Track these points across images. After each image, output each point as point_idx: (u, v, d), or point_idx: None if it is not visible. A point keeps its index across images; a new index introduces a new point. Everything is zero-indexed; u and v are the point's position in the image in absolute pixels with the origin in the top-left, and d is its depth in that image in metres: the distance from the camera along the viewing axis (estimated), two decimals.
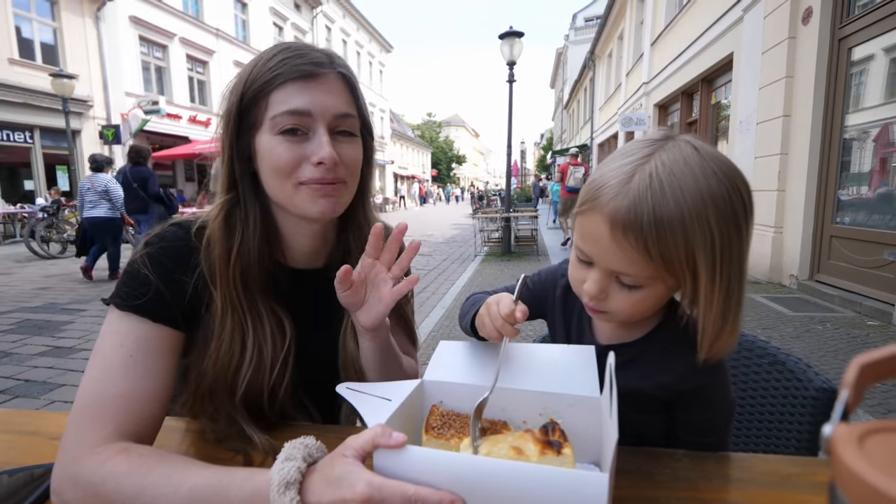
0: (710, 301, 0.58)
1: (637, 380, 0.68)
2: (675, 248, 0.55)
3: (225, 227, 0.71)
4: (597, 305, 0.64)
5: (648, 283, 0.60)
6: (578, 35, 30.53)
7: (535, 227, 9.19)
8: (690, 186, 0.55)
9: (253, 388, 0.70)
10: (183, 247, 0.71)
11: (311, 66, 0.69)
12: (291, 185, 0.70)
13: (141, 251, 0.69)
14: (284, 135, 0.68)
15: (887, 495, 0.21)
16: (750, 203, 0.59)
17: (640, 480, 0.58)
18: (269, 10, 20.14)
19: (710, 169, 0.56)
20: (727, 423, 0.72)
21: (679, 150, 0.57)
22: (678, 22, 9.34)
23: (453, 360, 0.67)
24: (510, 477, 0.42)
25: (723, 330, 0.59)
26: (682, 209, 0.54)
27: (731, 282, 0.58)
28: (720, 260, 0.56)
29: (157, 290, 0.66)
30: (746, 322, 4.02)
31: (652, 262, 0.56)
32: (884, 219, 4.41)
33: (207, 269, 0.70)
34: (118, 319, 0.65)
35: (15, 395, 2.87)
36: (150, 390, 0.64)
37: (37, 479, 0.60)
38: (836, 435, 0.26)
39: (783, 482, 0.57)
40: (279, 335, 0.73)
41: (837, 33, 4.87)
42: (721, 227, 0.55)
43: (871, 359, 0.29)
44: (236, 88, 0.70)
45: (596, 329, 0.78)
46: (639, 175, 0.56)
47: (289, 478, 0.46)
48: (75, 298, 5.39)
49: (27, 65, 11.40)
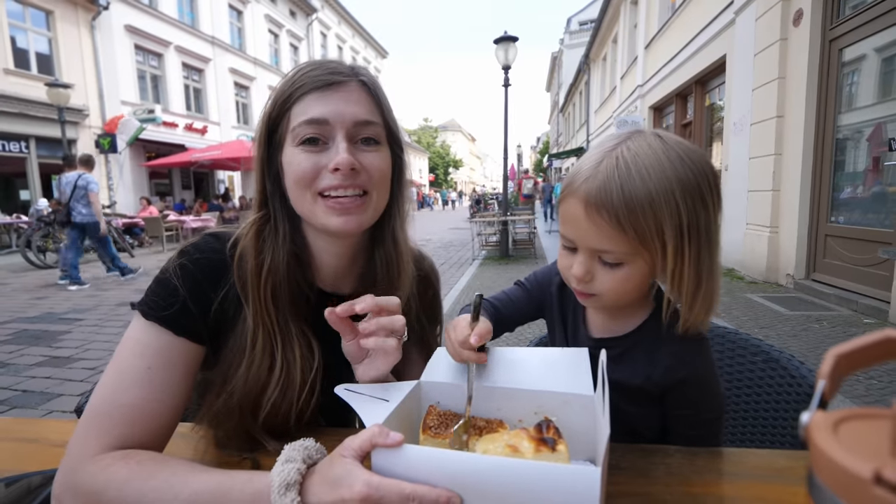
0: (682, 272, 0.62)
1: (627, 374, 0.71)
2: (645, 221, 0.60)
3: (256, 244, 0.70)
4: (584, 288, 0.67)
5: (628, 260, 0.64)
6: (573, 39, 30.70)
7: (533, 231, 9.22)
8: (654, 165, 0.61)
9: (277, 408, 0.69)
10: (218, 260, 0.70)
11: (328, 75, 0.69)
12: (311, 195, 0.69)
13: (176, 260, 0.69)
14: (304, 145, 0.68)
15: (857, 475, 0.22)
16: (714, 180, 0.64)
17: (635, 476, 0.59)
18: (265, 18, 20.24)
19: (674, 152, 0.62)
20: (718, 416, 0.73)
21: (644, 139, 0.64)
22: (671, 25, 9.42)
23: (450, 362, 0.68)
24: (505, 473, 0.43)
25: (696, 298, 0.64)
26: (647, 186, 0.60)
27: (702, 252, 0.63)
28: (688, 231, 0.61)
29: (184, 304, 0.66)
30: (743, 321, 4.04)
31: (626, 237, 0.61)
32: (878, 217, 4.44)
33: (240, 284, 0.69)
34: (142, 328, 0.65)
35: (13, 405, 2.86)
36: (163, 403, 0.63)
37: (34, 489, 0.60)
38: (813, 422, 0.27)
39: (774, 475, 0.58)
40: (309, 357, 0.72)
41: (828, 34, 4.92)
42: (687, 201, 0.60)
43: (846, 350, 0.30)
44: (267, 108, 0.72)
45: (589, 323, 0.80)
46: (606, 160, 0.63)
47: (289, 479, 0.47)
48: (73, 308, 5.37)
49: (22, 75, 11.41)
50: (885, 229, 4.24)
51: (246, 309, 0.69)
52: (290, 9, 22.25)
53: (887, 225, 4.24)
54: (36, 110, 11.47)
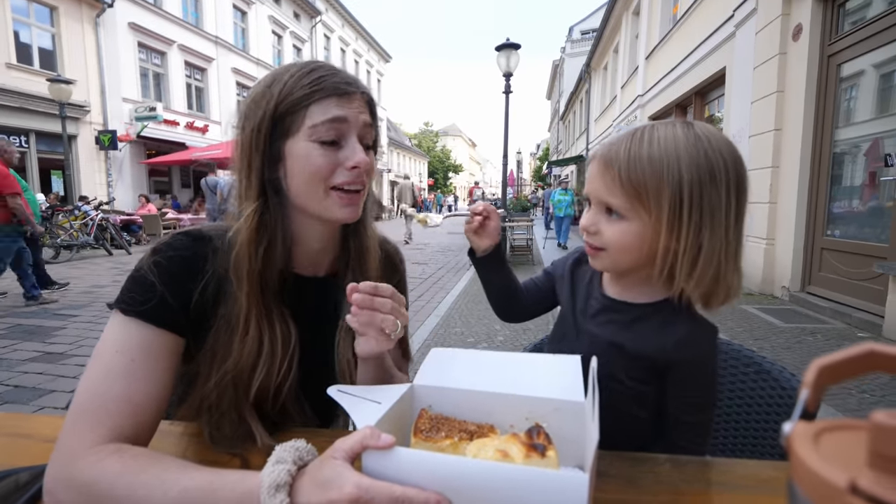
0: (678, 242, 0.66)
1: (637, 341, 0.74)
2: (644, 178, 0.66)
3: (257, 231, 0.73)
4: (592, 241, 0.74)
5: (629, 215, 0.69)
6: (574, 48, 30.89)
7: (531, 237, 9.23)
8: (666, 137, 0.66)
9: (264, 386, 0.73)
10: (191, 255, 0.73)
11: (345, 84, 0.75)
12: (324, 189, 0.75)
13: (150, 258, 0.71)
14: (324, 143, 0.73)
15: (833, 484, 0.23)
16: (736, 166, 0.67)
17: (624, 485, 0.59)
18: (269, 19, 20.28)
19: (693, 133, 0.66)
20: (710, 404, 0.75)
21: (672, 123, 0.69)
22: (672, 36, 9.49)
23: (443, 366, 0.68)
24: (494, 477, 0.44)
25: (691, 276, 0.67)
26: (652, 149, 0.66)
27: (703, 230, 0.65)
28: (689, 202, 0.64)
29: (163, 297, 0.68)
30: (738, 332, 4.06)
31: (625, 191, 0.67)
32: (874, 231, 4.47)
33: (234, 272, 0.72)
34: (121, 324, 0.67)
35: (4, 401, 2.84)
36: (149, 394, 0.65)
37: (22, 487, 0.60)
38: (794, 432, 0.28)
39: (761, 485, 0.58)
40: (287, 335, 0.76)
41: (827, 50, 4.97)
42: (692, 171, 0.64)
43: (829, 361, 0.31)
44: (269, 99, 0.73)
45: (605, 286, 0.84)
46: (630, 134, 0.70)
47: (279, 480, 0.47)
48: (67, 304, 5.35)
49: (25, 70, 11.40)
50: (881, 244, 4.26)
51: (238, 293, 0.72)
52: (295, 10, 22.31)
53: (883, 239, 4.27)
54: (37, 105, 11.44)
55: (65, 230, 9.09)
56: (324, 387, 0.70)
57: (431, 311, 5.12)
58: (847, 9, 4.88)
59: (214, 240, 0.75)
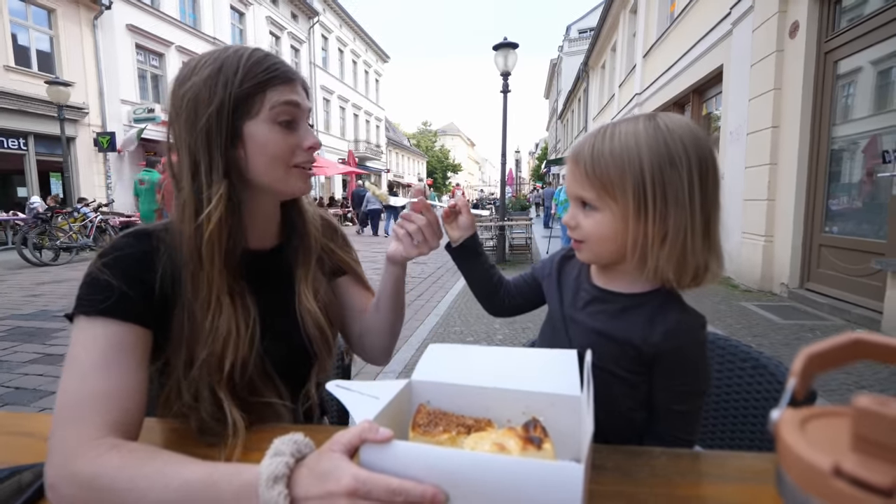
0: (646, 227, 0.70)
1: (625, 330, 0.75)
2: (607, 170, 0.70)
3: (228, 210, 0.75)
4: (574, 234, 0.78)
5: (601, 206, 0.73)
6: (572, 46, 30.91)
7: (530, 236, 9.25)
8: (627, 132, 0.71)
9: (234, 361, 0.75)
10: (140, 252, 0.74)
11: (292, 73, 0.81)
12: (285, 168, 0.80)
13: (98, 261, 0.71)
14: (281, 125, 0.78)
15: (818, 468, 0.24)
16: (695, 150, 0.69)
17: (619, 477, 0.60)
18: (266, 20, 20.28)
19: (653, 124, 0.70)
20: (699, 393, 0.75)
21: (637, 118, 0.73)
22: (669, 34, 9.50)
23: (441, 362, 0.69)
24: (490, 469, 0.44)
25: (660, 256, 0.70)
26: (614, 144, 0.71)
27: (670, 215, 0.68)
28: (651, 188, 0.68)
29: (122, 292, 0.68)
30: (737, 329, 4.07)
31: (592, 183, 0.72)
32: (872, 228, 4.48)
33: (206, 253, 0.73)
34: (87, 326, 0.67)
35: (5, 402, 2.85)
36: (128, 387, 0.65)
37: (25, 486, 0.60)
38: (782, 419, 0.29)
39: (755, 477, 0.59)
40: (247, 308, 0.79)
41: (823, 47, 4.98)
42: (651, 160, 0.68)
43: (817, 350, 0.31)
44: (227, 81, 0.74)
45: (594, 276, 0.85)
46: (592, 130, 0.76)
47: (277, 472, 0.48)
48: (67, 305, 5.33)
49: (23, 72, 11.41)
50: (879, 240, 4.27)
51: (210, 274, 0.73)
52: (292, 11, 22.30)
53: (881, 236, 4.28)
54: (35, 107, 11.45)
55: (64, 232, 9.08)
56: (289, 355, 0.84)
57: (431, 310, 5.13)
58: (843, 6, 4.89)
59: (158, 233, 0.77)
